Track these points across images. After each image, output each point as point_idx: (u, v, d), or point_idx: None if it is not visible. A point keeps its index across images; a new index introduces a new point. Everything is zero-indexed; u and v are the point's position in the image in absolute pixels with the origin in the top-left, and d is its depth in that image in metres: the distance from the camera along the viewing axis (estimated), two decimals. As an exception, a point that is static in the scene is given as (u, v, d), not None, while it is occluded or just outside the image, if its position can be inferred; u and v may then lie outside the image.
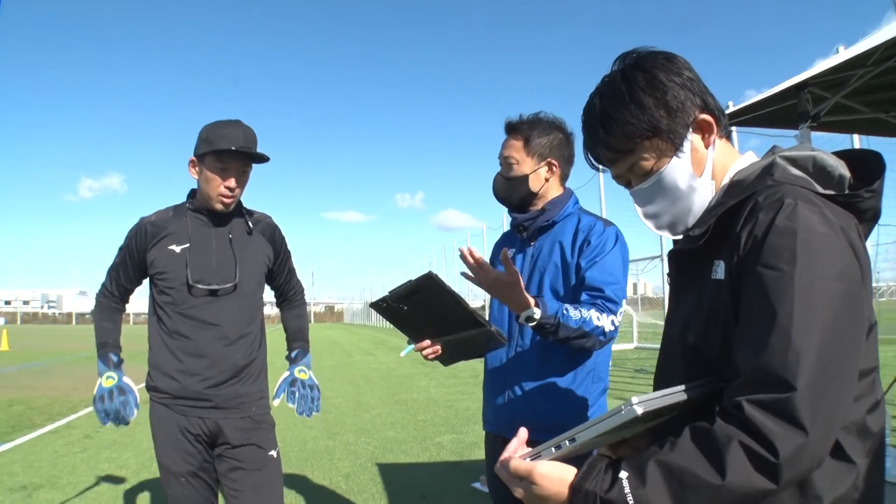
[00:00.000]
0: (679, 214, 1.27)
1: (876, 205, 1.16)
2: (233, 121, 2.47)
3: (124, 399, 2.41)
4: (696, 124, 1.24)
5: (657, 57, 1.27)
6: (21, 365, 17.73)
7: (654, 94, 1.22)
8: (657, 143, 1.23)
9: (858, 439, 1.08)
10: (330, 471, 5.87)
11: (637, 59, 1.28)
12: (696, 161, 1.24)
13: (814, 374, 0.97)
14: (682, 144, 1.23)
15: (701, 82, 1.27)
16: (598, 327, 2.04)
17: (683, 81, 1.24)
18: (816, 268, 1.01)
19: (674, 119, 1.22)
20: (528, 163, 2.31)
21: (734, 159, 1.27)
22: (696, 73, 1.28)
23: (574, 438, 1.04)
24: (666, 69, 1.25)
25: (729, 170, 1.25)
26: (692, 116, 1.24)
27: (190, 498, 2.45)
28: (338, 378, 13.76)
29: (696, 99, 1.24)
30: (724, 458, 0.96)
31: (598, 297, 2.10)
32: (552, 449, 1.06)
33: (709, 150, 1.25)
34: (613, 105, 1.25)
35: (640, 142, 1.24)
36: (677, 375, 1.20)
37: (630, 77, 1.25)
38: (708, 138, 1.25)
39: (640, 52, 1.30)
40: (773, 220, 1.05)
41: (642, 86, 1.23)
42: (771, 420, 0.96)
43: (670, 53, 1.29)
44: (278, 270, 2.75)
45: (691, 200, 1.25)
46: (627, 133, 1.23)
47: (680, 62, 1.27)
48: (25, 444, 7.07)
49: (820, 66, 4.58)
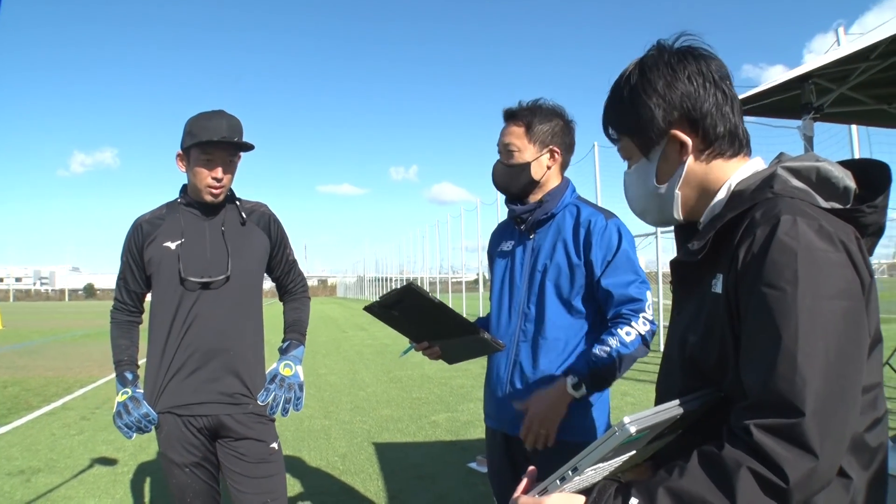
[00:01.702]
0: (645, 209, 1.34)
1: (879, 219, 1.14)
2: (216, 111, 2.46)
3: (141, 410, 2.41)
4: (671, 138, 1.24)
5: (664, 61, 1.24)
6: (15, 344, 17.72)
7: (633, 98, 1.26)
8: (631, 141, 1.31)
9: (854, 455, 1.08)
10: (327, 450, 5.92)
11: (647, 59, 1.27)
12: (661, 170, 1.27)
13: (821, 397, 0.98)
14: (649, 151, 1.27)
15: (704, 95, 1.22)
16: (634, 339, 2.07)
17: (670, 94, 1.22)
18: (818, 287, 1.01)
19: (642, 127, 1.26)
20: (529, 150, 2.27)
21: (736, 168, 1.24)
22: (710, 82, 1.22)
23: (576, 467, 1.03)
24: (658, 78, 1.23)
25: (731, 178, 1.23)
26: (666, 130, 1.24)
27: (193, 487, 2.47)
28: (332, 354, 13.83)
29: (678, 114, 1.22)
30: (734, 485, 0.97)
31: (621, 305, 2.12)
32: (557, 481, 1.06)
33: (683, 165, 1.24)
34: (611, 95, 1.32)
35: (619, 136, 1.33)
36: (676, 385, 1.22)
37: (629, 75, 1.28)
38: (682, 154, 1.24)
39: (661, 49, 1.27)
40: (770, 236, 1.04)
41: (631, 86, 1.27)
42: (781, 445, 0.97)
43: (685, 57, 1.24)
44: (276, 261, 2.71)
45: (652, 202, 1.31)
46: (611, 123, 1.34)
47: (686, 71, 1.22)
48: (23, 427, 7.09)
49: (823, 58, 4.56)
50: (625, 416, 1.00)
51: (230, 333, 2.49)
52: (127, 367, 2.52)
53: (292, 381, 2.53)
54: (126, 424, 2.41)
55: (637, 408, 7.45)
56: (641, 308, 2.11)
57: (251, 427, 2.49)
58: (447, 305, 2.06)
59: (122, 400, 2.43)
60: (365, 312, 2.19)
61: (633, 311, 2.10)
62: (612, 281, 2.14)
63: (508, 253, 2.36)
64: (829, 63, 4.48)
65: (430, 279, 38.21)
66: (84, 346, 17.02)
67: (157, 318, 2.50)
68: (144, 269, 2.54)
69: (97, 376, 10.87)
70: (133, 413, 2.40)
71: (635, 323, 2.09)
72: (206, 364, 2.44)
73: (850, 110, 5.70)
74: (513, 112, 2.31)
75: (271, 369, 2.56)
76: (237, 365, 2.49)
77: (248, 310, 2.57)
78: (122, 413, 2.42)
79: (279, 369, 2.54)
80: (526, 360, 2.21)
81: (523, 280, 2.27)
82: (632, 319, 2.09)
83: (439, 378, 9.77)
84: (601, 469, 1.07)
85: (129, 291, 2.59)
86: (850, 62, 4.60)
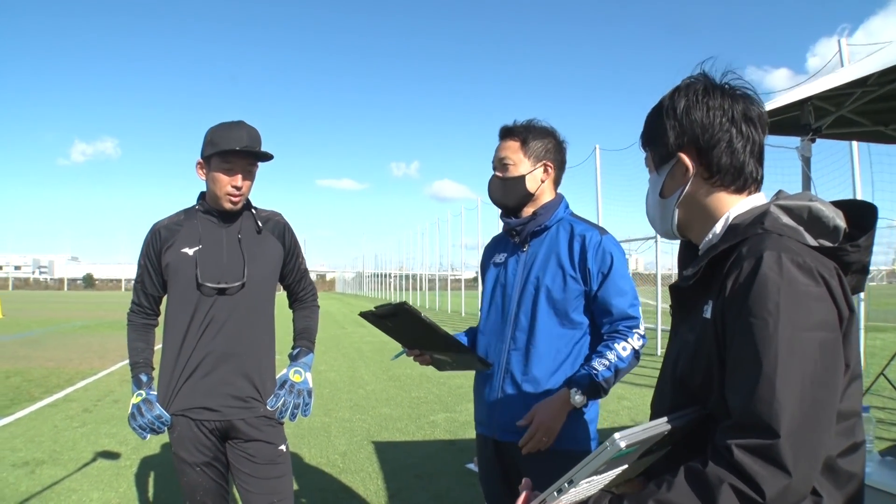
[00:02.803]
0: (654, 217, 1.45)
1: (862, 258, 1.24)
2: (236, 122, 2.54)
3: (154, 412, 2.48)
4: (678, 160, 1.34)
5: (696, 90, 1.33)
6: (16, 334, 17.80)
7: (660, 116, 1.36)
8: (650, 153, 1.43)
9: (826, 476, 1.18)
10: (327, 448, 6.01)
11: (685, 83, 1.37)
12: (667, 185, 1.38)
13: (796, 420, 1.07)
14: (660, 166, 1.39)
15: (719, 132, 1.29)
16: (629, 354, 2.21)
17: (687, 121, 1.32)
18: (798, 318, 1.10)
19: (656, 144, 1.39)
20: (524, 163, 2.36)
21: (736, 202, 1.32)
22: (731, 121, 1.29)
23: (572, 480, 1.12)
24: (684, 103, 1.33)
25: (730, 210, 1.32)
26: (675, 151, 1.34)
27: (204, 485, 2.55)
28: (331, 351, 13.91)
29: (687, 140, 1.32)
30: (716, 499, 1.07)
31: (616, 321, 2.25)
32: (555, 493, 1.14)
33: (684, 187, 1.35)
34: (652, 110, 1.42)
35: (644, 146, 1.45)
36: (666, 403, 1.33)
37: (669, 95, 1.37)
38: (685, 177, 1.34)
39: (700, 78, 1.36)
40: (756, 269, 1.14)
41: (664, 104, 1.37)
42: (758, 464, 1.07)
43: (711, 92, 1.32)
44: (289, 269, 2.79)
45: (657, 212, 1.42)
46: (643, 134, 1.45)
47: (709, 105, 1.30)
48: (25, 419, 7.17)
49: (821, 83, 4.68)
50: (616, 433, 1.09)
51: (244, 338, 2.57)
52: (142, 370, 2.60)
53: (301, 387, 2.61)
54: (140, 426, 2.49)
55: (633, 412, 7.55)
56: (636, 325, 2.26)
57: (261, 430, 2.57)
58: (438, 326, 2.18)
59: (137, 402, 2.51)
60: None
61: (628, 327, 2.24)
62: (610, 296, 2.25)
63: (501, 264, 2.44)
64: (827, 90, 4.61)
65: (430, 276, 38.32)
66: (84, 337, 17.10)
67: (173, 322, 2.57)
68: (162, 274, 2.61)
69: (98, 368, 10.97)
70: (146, 415, 2.48)
71: (631, 339, 2.22)
72: (220, 367, 2.52)
73: (848, 131, 5.85)
74: (508, 129, 2.42)
75: (281, 375, 2.63)
76: (250, 369, 2.57)
77: (261, 316, 2.64)
78: (136, 415, 2.50)
79: (289, 375, 2.61)
80: (517, 368, 2.29)
81: (515, 290, 2.34)
82: (628, 336, 2.23)
83: (438, 378, 9.84)
84: (596, 482, 1.16)
85: (146, 295, 2.66)
86: (848, 87, 4.75)
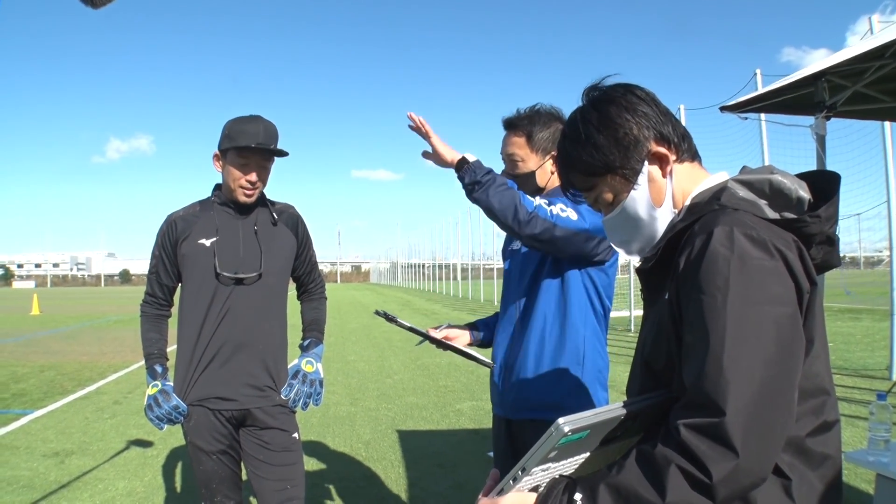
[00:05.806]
0: (646, 241, 1.33)
1: (824, 229, 1.17)
2: (254, 116, 2.55)
3: (171, 403, 2.50)
4: (651, 156, 1.29)
5: (614, 93, 1.32)
6: (52, 330, 18.22)
7: (606, 132, 1.28)
8: (614, 178, 1.30)
9: (796, 457, 1.12)
10: (351, 437, 6.01)
11: (594, 98, 1.34)
12: (654, 191, 1.29)
13: (744, 398, 1.01)
14: (636, 178, 1.29)
15: (657, 112, 1.30)
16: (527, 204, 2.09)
17: (636, 117, 1.28)
18: (749, 293, 1.05)
19: (626, 155, 1.28)
20: (532, 159, 2.33)
21: (698, 181, 1.30)
22: (654, 101, 1.31)
23: (524, 468, 1.09)
24: (619, 105, 1.30)
25: (691, 192, 1.29)
26: (646, 149, 1.28)
27: (220, 473, 2.58)
28: (362, 341, 13.97)
29: (650, 132, 1.29)
30: (664, 481, 1.02)
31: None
32: (511, 481, 1.11)
33: (667, 180, 1.30)
34: (573, 145, 1.33)
35: (597, 179, 1.32)
36: (635, 386, 1.30)
37: (586, 116, 1.32)
38: (665, 168, 1.29)
39: (599, 89, 1.35)
40: (706, 245, 1.09)
41: (595, 125, 1.29)
42: (704, 443, 1.01)
43: (627, 87, 1.33)
44: (300, 261, 2.81)
45: (654, 229, 1.31)
46: (586, 171, 1.32)
47: (636, 95, 1.31)
48: (57, 411, 7.30)
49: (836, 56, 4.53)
50: (560, 418, 1.05)
51: (260, 328, 2.59)
52: (157, 361, 2.61)
53: (313, 377, 2.66)
54: (157, 417, 2.51)
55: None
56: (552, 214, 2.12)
57: (276, 417, 2.60)
58: (445, 342, 2.34)
59: (153, 393, 2.52)
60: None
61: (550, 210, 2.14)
62: None
63: (517, 252, 2.42)
64: (842, 62, 4.44)
65: (463, 265, 38.64)
66: (118, 331, 17.44)
67: (190, 312, 2.57)
68: (177, 265, 2.62)
69: (130, 361, 11.14)
70: (163, 406, 2.49)
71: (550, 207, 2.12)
72: (237, 356, 2.54)
73: (864, 108, 5.62)
74: (512, 121, 2.35)
75: (293, 365, 2.67)
76: (265, 358, 2.59)
77: (276, 306, 2.67)
78: (152, 406, 2.51)
79: (301, 365, 2.66)
80: (525, 353, 2.26)
81: (526, 276, 2.31)
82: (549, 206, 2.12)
83: (466, 366, 9.78)
84: (552, 470, 1.12)
85: (161, 285, 2.67)
86: (864, 60, 4.56)
